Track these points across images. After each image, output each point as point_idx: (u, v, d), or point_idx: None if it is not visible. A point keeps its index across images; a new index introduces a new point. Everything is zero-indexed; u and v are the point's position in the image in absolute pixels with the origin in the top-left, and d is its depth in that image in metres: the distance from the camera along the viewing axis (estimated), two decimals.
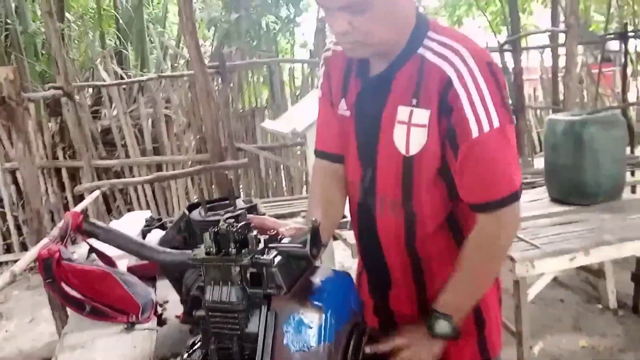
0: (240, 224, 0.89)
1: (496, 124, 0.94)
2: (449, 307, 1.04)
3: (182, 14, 3.23)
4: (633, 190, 3.88)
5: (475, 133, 0.94)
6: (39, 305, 3.96)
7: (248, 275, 0.85)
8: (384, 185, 1.07)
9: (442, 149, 0.99)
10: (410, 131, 1.00)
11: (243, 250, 0.86)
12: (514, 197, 0.98)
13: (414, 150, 1.00)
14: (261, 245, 0.87)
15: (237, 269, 0.84)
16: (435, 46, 0.98)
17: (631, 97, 6.66)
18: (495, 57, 5.70)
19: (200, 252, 0.88)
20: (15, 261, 4.59)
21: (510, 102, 0.99)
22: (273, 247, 0.87)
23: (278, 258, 0.85)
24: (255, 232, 0.87)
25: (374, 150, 1.07)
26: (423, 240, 1.07)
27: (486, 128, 0.93)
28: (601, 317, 3.02)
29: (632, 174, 3.88)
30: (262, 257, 0.84)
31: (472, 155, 0.96)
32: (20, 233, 5.02)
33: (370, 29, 0.93)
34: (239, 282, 0.85)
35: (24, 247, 4.98)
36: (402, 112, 1.00)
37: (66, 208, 5.06)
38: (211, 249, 0.86)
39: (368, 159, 1.09)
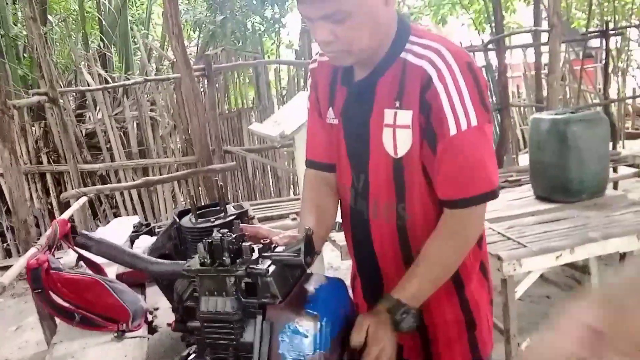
0: (234, 234, 0.89)
1: (474, 122, 0.95)
2: (414, 300, 1.01)
3: (167, 17, 3.20)
4: (615, 187, 3.96)
5: (453, 131, 0.95)
6: (24, 313, 3.90)
7: (243, 285, 0.85)
8: (377, 189, 1.08)
9: (422, 148, 1.01)
10: (396, 133, 1.01)
11: (237, 260, 0.86)
12: (490, 195, 1.00)
13: (401, 151, 1.02)
14: (255, 255, 0.87)
15: (232, 279, 0.84)
16: (417, 48, 1.00)
17: (612, 93, 6.77)
18: (479, 56, 5.76)
19: (194, 262, 0.88)
20: (0, 268, 4.51)
21: (490, 101, 1.00)
22: (267, 257, 0.88)
23: (272, 267, 0.85)
24: (249, 242, 0.88)
25: (365, 155, 1.08)
26: (416, 243, 1.07)
27: (464, 126, 0.95)
28: None
29: (614, 170, 3.95)
30: (256, 267, 0.84)
31: (449, 152, 0.97)
32: (4, 240, 4.94)
33: (352, 37, 0.95)
34: (234, 292, 0.85)
35: (8, 254, 4.91)
36: (388, 115, 1.02)
37: (51, 213, 4.99)
38: (205, 260, 0.86)
39: (359, 164, 1.10)
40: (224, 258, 0.85)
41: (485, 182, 0.99)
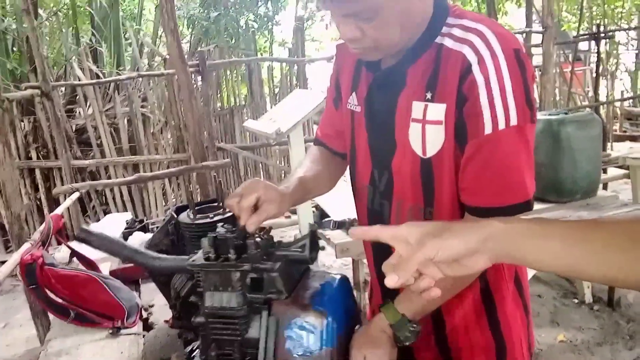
0: (238, 229, 0.88)
1: (514, 121, 0.82)
2: (418, 315, 0.93)
3: (163, 12, 3.17)
4: (605, 187, 4.01)
5: (488, 129, 0.82)
6: (12, 310, 3.85)
7: (248, 280, 0.85)
8: (402, 189, 0.97)
9: (455, 147, 0.88)
10: (426, 130, 0.89)
11: (243, 256, 0.85)
12: (526, 206, 0.86)
13: (431, 151, 0.90)
14: (260, 251, 0.86)
15: (237, 274, 0.84)
16: (457, 31, 0.87)
17: (601, 95, 6.86)
18: None
19: (198, 257, 0.87)
20: None
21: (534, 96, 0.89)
22: (272, 252, 0.87)
23: (278, 263, 0.84)
24: (255, 239, 0.87)
25: (389, 150, 0.96)
26: None
27: (502, 125, 0.82)
28: (577, 312, 3.10)
29: (604, 171, 4.00)
30: (262, 262, 0.84)
31: (481, 153, 0.84)
32: None
33: (381, 34, 0.85)
34: (239, 288, 0.84)
35: None
36: (417, 108, 0.90)
37: (39, 209, 4.93)
38: (210, 255, 0.85)
39: (383, 160, 0.99)
40: (229, 253, 0.84)
41: (518, 191, 0.86)
